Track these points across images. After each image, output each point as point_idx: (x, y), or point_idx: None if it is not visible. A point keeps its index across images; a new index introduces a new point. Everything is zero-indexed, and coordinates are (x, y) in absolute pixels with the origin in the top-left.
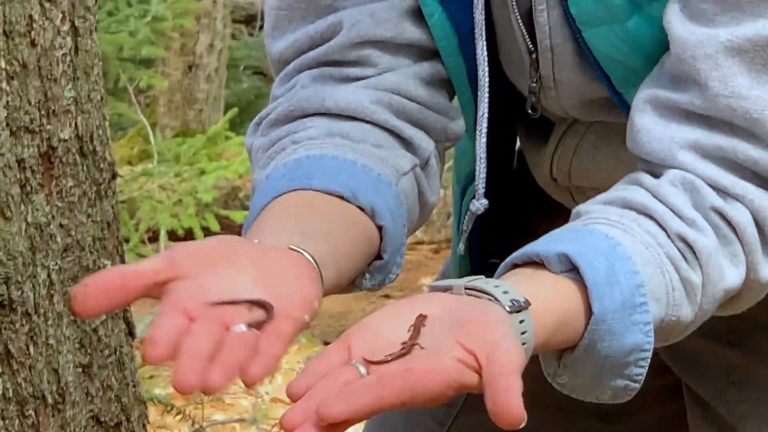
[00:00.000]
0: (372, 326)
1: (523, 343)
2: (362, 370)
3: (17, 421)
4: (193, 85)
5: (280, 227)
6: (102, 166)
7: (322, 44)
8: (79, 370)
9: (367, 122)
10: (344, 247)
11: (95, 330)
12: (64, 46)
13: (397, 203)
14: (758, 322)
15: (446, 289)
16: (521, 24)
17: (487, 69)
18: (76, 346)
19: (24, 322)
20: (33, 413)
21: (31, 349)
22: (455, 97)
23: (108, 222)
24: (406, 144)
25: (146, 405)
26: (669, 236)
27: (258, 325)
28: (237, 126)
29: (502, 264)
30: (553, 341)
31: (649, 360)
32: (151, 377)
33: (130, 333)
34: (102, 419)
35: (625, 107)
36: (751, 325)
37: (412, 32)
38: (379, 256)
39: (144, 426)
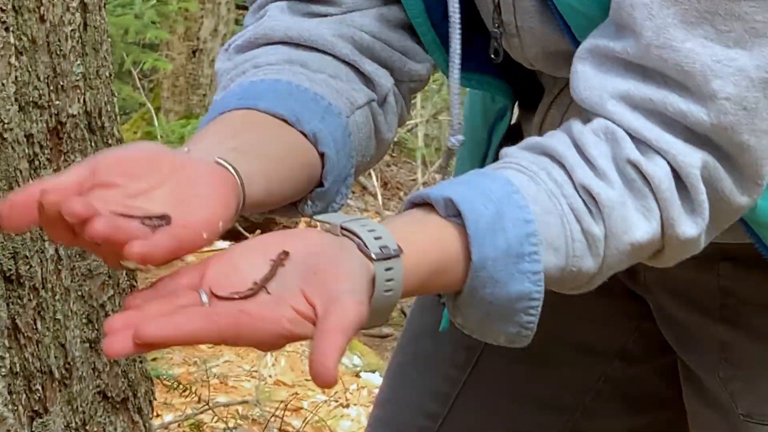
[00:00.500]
0: (233, 257)
1: (388, 290)
2: (204, 299)
3: (24, 395)
4: (197, 70)
5: (216, 141)
6: (110, 141)
7: None
8: (86, 345)
9: (328, 54)
10: (278, 168)
11: (102, 305)
12: (73, 22)
13: (344, 134)
14: (750, 300)
15: (325, 226)
16: None
17: (457, 7)
18: (83, 321)
19: (31, 296)
20: (40, 388)
21: (39, 324)
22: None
23: None
24: (365, 79)
25: (152, 381)
26: (575, 187)
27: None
28: None
29: (404, 202)
30: (430, 286)
31: (539, 308)
32: (155, 359)
33: None
34: (108, 394)
35: None
36: (743, 302)
37: None
38: (320, 184)
39: (150, 402)
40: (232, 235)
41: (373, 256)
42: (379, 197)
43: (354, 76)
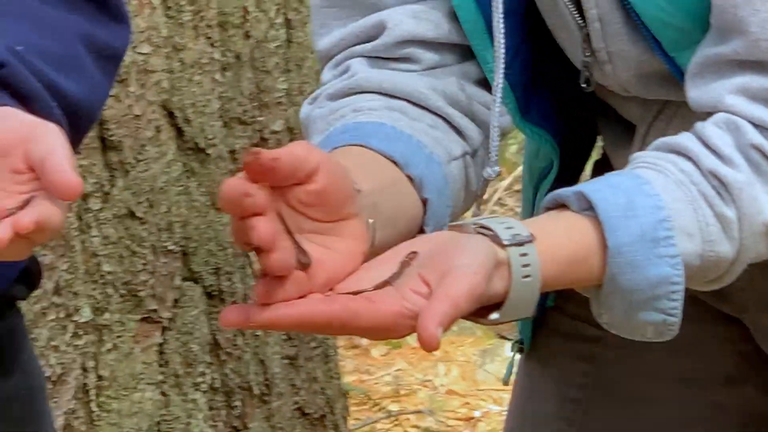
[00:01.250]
0: (367, 264)
1: (526, 276)
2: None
3: (224, 411)
4: None
5: (362, 181)
6: None
7: (368, 42)
8: (286, 361)
9: (422, 107)
10: (389, 212)
11: None
12: (277, 38)
13: (444, 183)
14: None
15: (460, 227)
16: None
17: (503, 42)
18: (283, 337)
19: None
20: (240, 404)
21: (239, 340)
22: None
23: None
24: (458, 131)
25: (347, 397)
26: (703, 174)
27: None
28: None
29: (538, 207)
30: (570, 276)
31: (681, 294)
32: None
33: None
34: (307, 411)
35: (681, 76)
36: None
37: (455, 33)
38: (421, 230)
39: (345, 419)
40: None
41: (505, 242)
42: None
43: (447, 128)
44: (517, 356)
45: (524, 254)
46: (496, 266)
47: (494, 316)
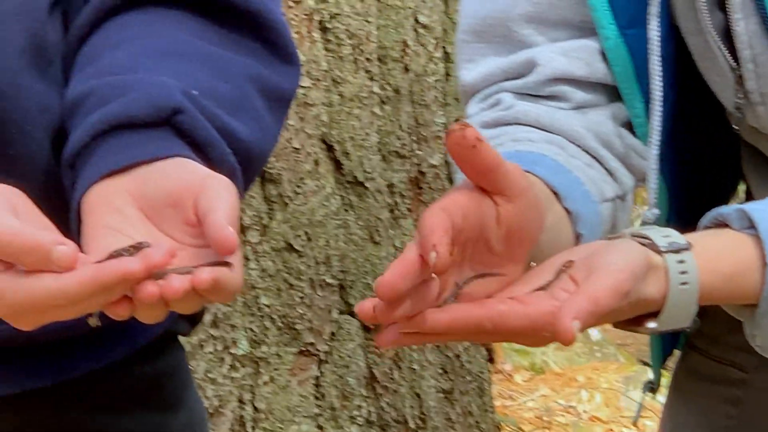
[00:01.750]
0: (527, 275)
1: (684, 283)
2: None
3: None
4: None
5: None
6: None
7: (517, 78)
8: (441, 395)
9: (577, 145)
10: (547, 250)
11: (458, 356)
12: (436, 72)
13: (599, 221)
14: None
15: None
16: (719, 41)
17: (660, 84)
18: (439, 371)
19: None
20: None
21: (396, 374)
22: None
23: None
24: (610, 174)
25: (500, 429)
26: None
27: None
28: None
29: (698, 227)
30: (725, 290)
31: None
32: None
33: (490, 359)
34: None
35: None
36: None
37: (606, 73)
38: None
39: None
40: None
41: (661, 248)
42: None
43: (602, 169)
44: (647, 397)
45: (681, 261)
46: (651, 270)
47: (652, 324)
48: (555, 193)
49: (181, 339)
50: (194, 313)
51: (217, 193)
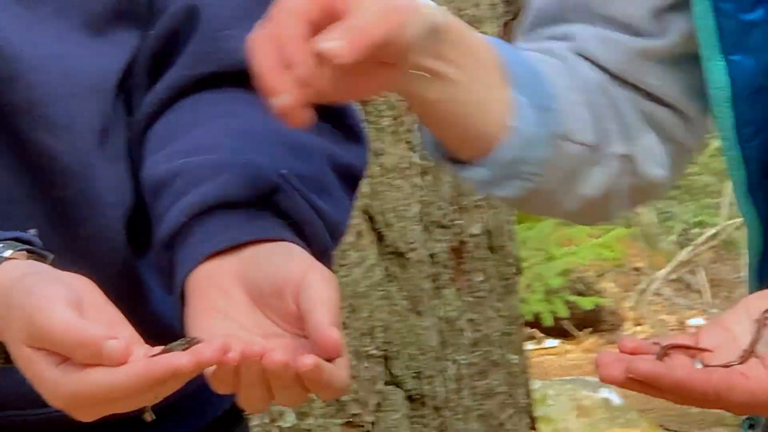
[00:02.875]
0: (722, 319)
1: None
2: (698, 366)
3: None
4: None
5: None
6: (509, 260)
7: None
8: None
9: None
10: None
11: (501, 424)
12: None
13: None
14: None
15: None
16: None
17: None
18: None
19: (434, 416)
20: None
21: None
22: None
23: (515, 317)
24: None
25: None
26: None
27: None
28: None
29: None
30: None
31: None
32: None
33: (533, 427)
34: None
35: None
36: None
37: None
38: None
39: None
40: (560, 332)
41: None
42: (707, 294)
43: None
44: None
45: None
46: None
47: None
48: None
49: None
50: None
51: (320, 290)
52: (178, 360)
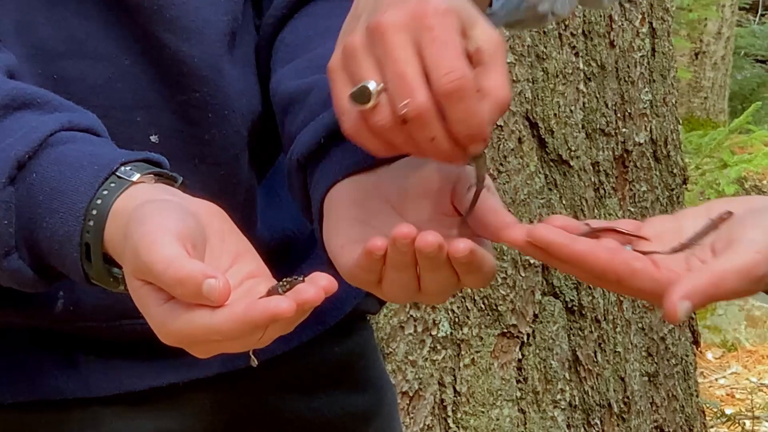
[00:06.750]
0: (678, 216)
1: None
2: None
3: (582, 429)
4: (699, 72)
5: None
6: (674, 170)
7: None
8: (645, 378)
9: None
10: None
11: (663, 338)
12: (642, 48)
13: None
14: None
15: None
16: None
17: None
18: (643, 354)
19: (593, 328)
20: (598, 422)
21: (599, 356)
22: None
23: None
24: None
25: (705, 414)
26: None
27: None
28: (760, 119)
29: None
30: None
31: None
32: None
33: (695, 342)
34: (666, 429)
35: None
36: None
37: None
38: None
39: None
40: None
41: None
42: None
43: None
44: None
45: None
46: None
47: None
48: None
49: (377, 319)
50: None
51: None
52: (276, 305)
